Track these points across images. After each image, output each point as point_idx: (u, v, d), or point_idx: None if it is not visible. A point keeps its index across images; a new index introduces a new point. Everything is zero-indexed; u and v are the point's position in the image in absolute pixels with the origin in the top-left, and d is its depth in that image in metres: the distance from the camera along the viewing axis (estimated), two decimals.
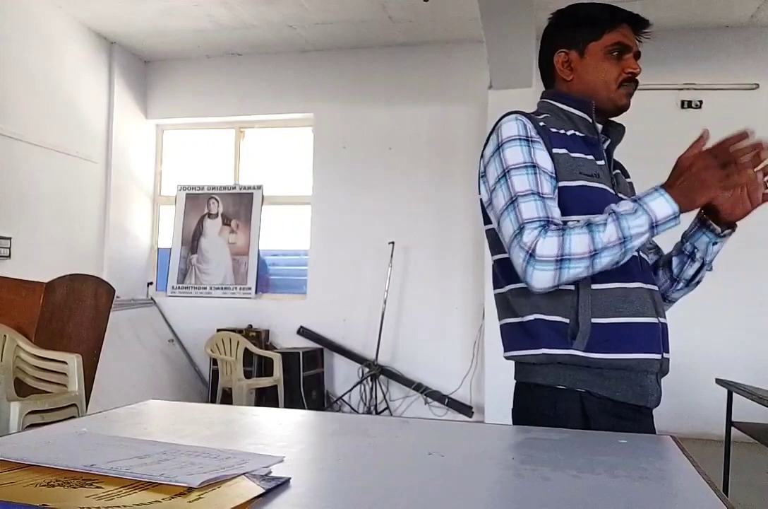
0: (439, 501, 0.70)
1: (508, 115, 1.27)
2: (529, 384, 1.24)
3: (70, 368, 3.17)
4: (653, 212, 1.08)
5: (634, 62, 1.30)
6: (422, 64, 5.48)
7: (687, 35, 5.01)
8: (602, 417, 1.18)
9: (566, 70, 1.33)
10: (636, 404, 1.21)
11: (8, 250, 4.46)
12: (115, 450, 0.82)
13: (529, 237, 1.12)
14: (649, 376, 1.22)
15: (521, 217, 1.15)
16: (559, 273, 1.10)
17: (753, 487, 3.53)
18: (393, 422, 1.23)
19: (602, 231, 1.09)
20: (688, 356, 4.79)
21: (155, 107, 6.05)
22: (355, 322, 5.42)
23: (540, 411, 1.22)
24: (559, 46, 1.34)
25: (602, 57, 1.29)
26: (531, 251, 1.11)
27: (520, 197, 1.16)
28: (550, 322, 1.20)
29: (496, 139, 1.25)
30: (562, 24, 1.35)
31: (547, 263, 1.10)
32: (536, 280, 1.12)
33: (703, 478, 0.81)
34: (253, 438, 1.04)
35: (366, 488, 0.75)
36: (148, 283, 5.95)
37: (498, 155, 1.22)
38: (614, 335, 1.18)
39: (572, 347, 1.17)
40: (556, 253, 1.10)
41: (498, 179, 1.21)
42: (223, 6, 4.87)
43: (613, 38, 1.29)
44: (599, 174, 1.27)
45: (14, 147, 4.55)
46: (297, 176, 5.84)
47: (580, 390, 1.19)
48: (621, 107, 1.32)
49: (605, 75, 1.29)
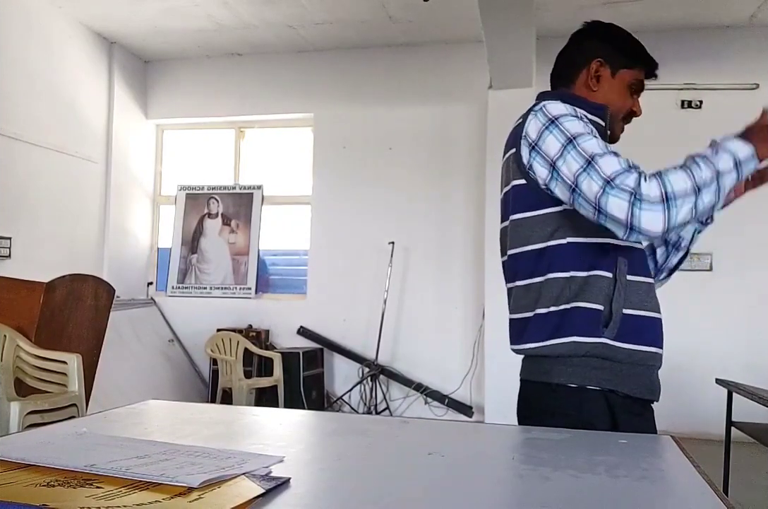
0: (439, 501, 0.70)
1: (549, 99, 1.29)
2: (549, 384, 1.23)
3: (70, 368, 3.17)
4: (734, 151, 1.11)
5: (639, 105, 1.38)
6: (422, 64, 5.48)
7: (687, 35, 5.01)
8: (625, 416, 1.20)
9: (594, 80, 1.37)
10: (647, 398, 1.25)
11: (8, 250, 4.46)
12: (115, 450, 0.82)
13: (631, 179, 1.10)
14: (654, 371, 1.27)
15: (608, 170, 1.12)
16: (668, 214, 1.07)
17: (753, 487, 3.53)
18: (393, 422, 1.23)
19: (698, 168, 1.10)
20: (688, 356, 4.79)
21: (155, 107, 6.05)
22: (355, 322, 5.42)
23: (564, 411, 1.21)
24: (599, 55, 1.37)
25: (625, 86, 1.36)
26: (636, 192, 1.08)
27: (598, 156, 1.15)
28: (587, 310, 1.20)
29: (544, 116, 1.23)
30: (610, 39, 1.39)
31: (654, 203, 1.07)
32: (646, 222, 1.08)
33: (703, 478, 0.81)
34: (253, 438, 1.04)
35: (366, 488, 0.75)
36: (148, 283, 5.95)
37: (556, 127, 1.21)
38: (640, 327, 1.22)
39: (603, 335, 1.19)
40: (661, 192, 1.08)
41: (564, 145, 1.18)
42: (223, 6, 4.87)
43: (639, 75, 1.36)
44: None
45: (14, 147, 4.55)
46: (297, 176, 5.84)
47: (600, 388, 1.21)
48: (613, 138, 1.38)
49: (621, 103, 1.36)
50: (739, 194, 1.31)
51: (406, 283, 5.39)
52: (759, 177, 1.27)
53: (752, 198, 4.82)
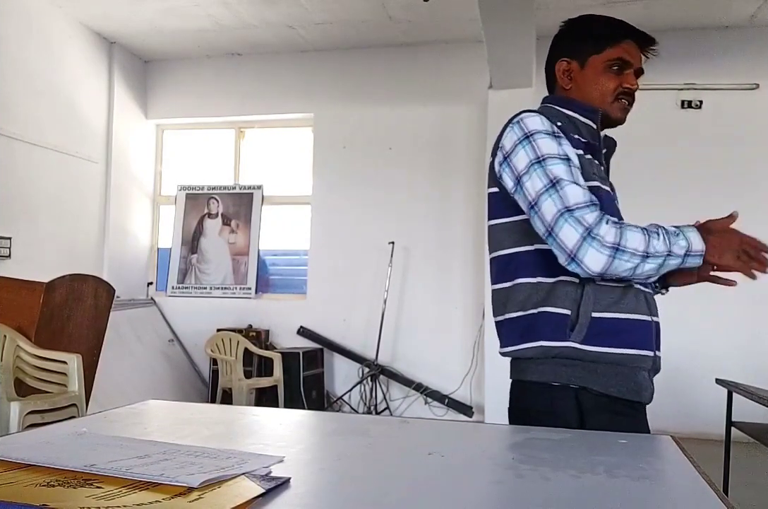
0: (439, 501, 0.70)
1: (525, 112, 1.28)
2: (525, 382, 1.26)
3: (70, 368, 3.17)
4: (691, 241, 1.14)
5: (633, 78, 1.33)
6: (422, 64, 5.48)
7: (687, 35, 5.01)
8: (598, 413, 1.20)
9: (566, 79, 1.36)
10: (631, 399, 1.23)
11: (8, 250, 4.46)
12: (115, 450, 0.82)
13: (591, 216, 1.13)
14: (641, 372, 1.25)
15: (572, 198, 1.15)
16: (612, 261, 1.12)
17: (753, 487, 3.53)
18: (393, 422, 1.23)
19: (656, 239, 1.13)
20: (688, 356, 4.79)
21: (155, 107, 6.05)
22: (355, 322, 5.42)
23: (536, 408, 1.24)
24: (562, 55, 1.37)
25: (601, 70, 1.32)
26: (592, 230, 1.12)
27: (563, 181, 1.17)
28: (554, 314, 1.22)
29: (520, 130, 1.25)
30: (569, 34, 1.39)
31: (605, 246, 1.11)
32: (590, 259, 1.12)
33: (703, 478, 0.81)
34: (253, 438, 1.04)
35: (366, 488, 0.75)
36: (148, 283, 5.95)
37: (528, 143, 1.22)
38: (610, 329, 1.21)
39: (569, 339, 1.20)
40: (615, 241, 1.11)
41: (532, 163, 1.21)
42: (223, 6, 4.87)
43: (613, 53, 1.32)
44: (605, 178, 1.32)
45: (14, 147, 4.55)
46: (297, 176, 5.84)
47: (575, 386, 1.21)
48: (615, 120, 1.35)
49: (602, 87, 1.32)
50: (682, 284, 1.39)
51: (406, 283, 5.39)
52: (703, 278, 1.35)
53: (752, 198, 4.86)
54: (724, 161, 4.94)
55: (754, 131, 4.96)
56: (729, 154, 4.96)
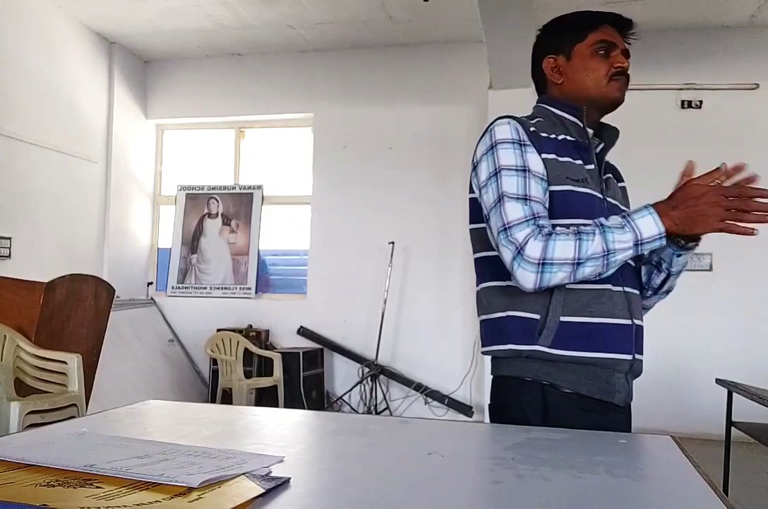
0: (439, 501, 0.70)
1: (501, 118, 1.30)
2: (499, 377, 1.29)
3: (70, 368, 3.18)
4: (639, 230, 1.11)
5: (622, 57, 1.32)
6: (422, 64, 5.48)
7: (687, 35, 5.01)
8: (562, 409, 1.19)
9: (556, 74, 1.37)
10: (601, 399, 1.22)
11: (8, 250, 4.46)
12: (115, 450, 0.82)
13: (521, 234, 1.15)
14: (617, 374, 1.23)
15: (507, 216, 1.17)
16: (540, 276, 1.13)
17: (753, 487, 3.53)
18: (393, 422, 1.23)
19: (589, 240, 1.12)
20: (688, 356, 4.80)
21: (155, 107, 6.05)
22: (355, 322, 5.42)
23: (507, 401, 1.26)
24: (546, 53, 1.38)
25: (589, 56, 1.32)
26: (520, 248, 1.14)
27: (506, 196, 1.19)
28: (521, 318, 1.22)
29: (489, 140, 1.27)
30: (548, 33, 1.40)
31: (530, 264, 1.13)
32: (519, 277, 1.15)
33: (703, 478, 0.81)
34: (253, 438, 1.04)
35: (366, 488, 0.75)
36: (148, 283, 5.95)
37: (491, 155, 1.25)
38: (581, 334, 1.20)
39: (537, 343, 1.20)
40: (539, 256, 1.13)
41: (489, 176, 1.24)
42: (223, 6, 4.87)
43: (596, 37, 1.32)
44: (587, 179, 1.28)
45: (14, 147, 4.55)
46: (297, 176, 5.84)
47: (544, 382, 1.21)
48: (614, 100, 1.33)
49: (594, 72, 1.31)
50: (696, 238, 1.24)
51: (406, 283, 5.39)
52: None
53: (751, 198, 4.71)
54: (723, 161, 4.93)
55: (754, 131, 4.96)
56: (729, 154, 4.93)
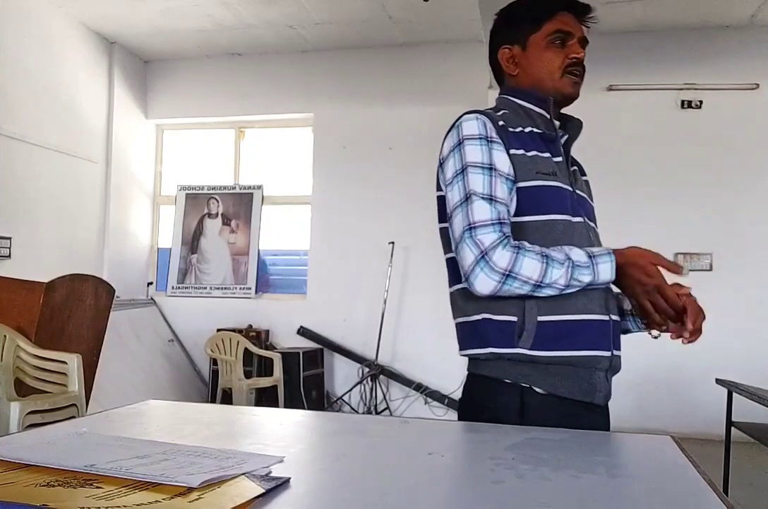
0: (439, 501, 0.70)
1: (468, 113, 1.26)
2: (477, 376, 1.25)
3: (70, 368, 3.18)
4: (599, 275, 1.14)
5: (578, 47, 1.29)
6: (422, 64, 5.48)
7: (687, 35, 5.01)
8: (539, 412, 1.17)
9: (511, 66, 1.34)
10: (582, 400, 1.20)
11: (8, 250, 4.46)
12: (115, 450, 0.82)
13: (488, 238, 1.13)
14: (597, 373, 1.22)
15: (473, 216, 1.16)
16: (501, 286, 1.13)
17: (753, 487, 3.53)
18: (393, 422, 1.23)
19: (556, 269, 1.12)
20: (688, 356, 4.79)
21: (155, 107, 6.05)
22: (355, 322, 5.42)
23: (482, 402, 1.23)
24: (502, 43, 1.35)
25: (544, 47, 1.29)
26: (486, 253, 1.12)
27: (474, 195, 1.17)
28: (497, 321, 1.20)
29: (456, 136, 1.25)
30: (504, 22, 1.37)
31: (495, 272, 1.12)
32: (479, 282, 1.14)
33: (703, 478, 0.81)
34: (253, 438, 1.04)
35: (366, 488, 0.75)
36: (148, 283, 5.95)
37: (458, 151, 1.23)
38: (560, 333, 1.18)
39: (518, 345, 1.18)
40: (506, 267, 1.12)
41: (456, 174, 1.22)
42: (223, 6, 4.87)
43: (552, 27, 1.28)
44: (556, 172, 1.25)
45: (14, 147, 4.55)
46: (297, 176, 5.84)
47: (524, 384, 1.19)
48: (567, 96, 1.31)
49: (548, 64, 1.29)
50: None
51: (406, 283, 5.39)
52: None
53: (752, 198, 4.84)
54: (724, 161, 4.94)
55: (754, 131, 4.95)
56: (729, 154, 4.96)
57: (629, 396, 4.84)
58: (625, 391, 5.07)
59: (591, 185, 1.44)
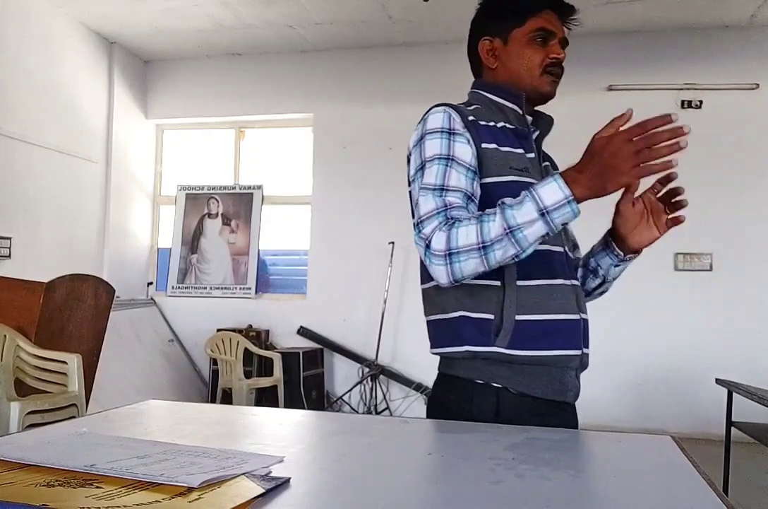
0: (439, 501, 0.70)
1: (436, 106, 1.24)
2: (450, 376, 1.24)
3: (70, 368, 3.18)
4: (540, 198, 1.02)
5: (559, 48, 1.29)
6: (422, 64, 5.48)
7: (687, 35, 5.01)
8: (514, 413, 1.17)
9: (491, 58, 1.32)
10: (554, 399, 1.21)
11: (8, 250, 4.46)
12: (115, 450, 0.82)
13: (427, 229, 1.11)
14: (569, 372, 1.22)
15: (420, 211, 1.15)
16: (451, 268, 1.08)
17: (753, 487, 3.53)
18: (393, 422, 1.23)
19: (490, 221, 1.06)
20: (688, 356, 4.79)
21: (155, 107, 6.05)
22: (355, 322, 5.42)
23: (457, 403, 1.21)
24: (483, 34, 1.33)
25: (525, 43, 1.28)
26: (428, 244, 1.10)
27: (423, 189, 1.17)
28: (474, 319, 1.18)
29: (421, 130, 1.24)
30: (487, 13, 1.34)
31: (438, 257, 1.09)
32: (434, 273, 1.11)
33: (703, 478, 0.81)
34: (253, 438, 1.04)
35: (366, 488, 0.75)
36: (148, 283, 5.95)
37: (419, 147, 1.23)
38: (537, 332, 1.18)
39: (494, 344, 1.16)
40: (444, 247, 1.08)
41: (416, 171, 1.23)
42: (223, 6, 4.87)
43: (535, 24, 1.27)
44: (528, 168, 1.24)
45: (14, 147, 4.55)
46: (297, 176, 5.84)
47: (497, 385, 1.18)
48: (545, 95, 1.30)
49: (528, 61, 1.28)
50: (663, 232, 1.23)
51: (406, 283, 5.39)
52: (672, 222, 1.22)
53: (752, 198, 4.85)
54: (723, 161, 4.94)
55: (754, 131, 4.96)
56: (729, 154, 4.96)
57: (629, 396, 4.84)
58: (625, 391, 5.09)
59: None
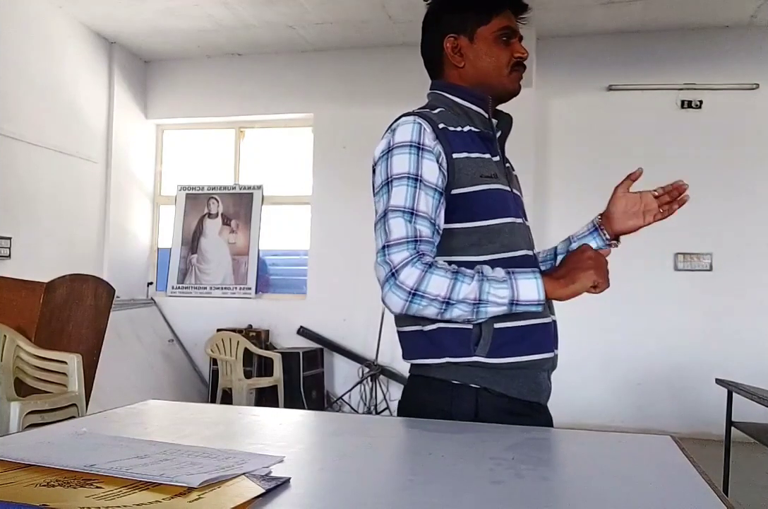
0: (439, 501, 0.70)
1: (406, 116, 1.22)
2: (426, 378, 1.23)
3: (70, 368, 3.18)
4: (518, 290, 1.09)
5: (521, 46, 1.29)
6: (422, 64, 5.47)
7: (687, 35, 5.01)
8: (493, 414, 1.18)
9: (457, 57, 1.29)
10: (530, 400, 1.22)
11: (8, 250, 4.46)
12: (115, 450, 0.82)
13: (398, 256, 1.10)
14: (542, 373, 1.24)
15: (391, 235, 1.12)
16: (409, 306, 1.09)
17: (753, 487, 3.53)
18: (393, 422, 1.23)
19: (465, 283, 1.08)
20: (688, 356, 4.79)
21: (155, 107, 6.05)
22: (355, 322, 5.42)
23: (436, 405, 1.21)
24: (447, 31, 1.29)
25: (492, 42, 1.27)
26: (395, 272, 1.09)
27: (392, 212, 1.14)
28: (453, 330, 1.18)
29: (389, 140, 1.19)
30: (449, 8, 1.30)
31: (402, 290, 1.08)
32: (388, 300, 1.11)
33: (703, 478, 0.81)
34: (253, 438, 1.04)
35: (366, 488, 0.75)
36: (148, 283, 5.95)
37: (387, 159, 1.18)
38: (515, 339, 1.19)
39: (475, 354, 1.17)
40: (412, 285, 1.08)
41: (381, 185, 1.18)
42: (223, 6, 4.87)
43: (501, 23, 1.27)
44: (497, 173, 1.25)
45: (14, 147, 4.55)
46: (297, 176, 5.84)
47: (476, 386, 1.19)
48: (512, 92, 1.31)
49: (497, 60, 1.27)
50: (647, 223, 1.39)
51: None
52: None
53: (752, 198, 4.85)
54: (723, 161, 4.94)
55: (754, 131, 4.96)
56: (729, 154, 4.96)
57: (629, 396, 4.84)
58: (625, 391, 5.09)
59: (592, 185, 1.47)
